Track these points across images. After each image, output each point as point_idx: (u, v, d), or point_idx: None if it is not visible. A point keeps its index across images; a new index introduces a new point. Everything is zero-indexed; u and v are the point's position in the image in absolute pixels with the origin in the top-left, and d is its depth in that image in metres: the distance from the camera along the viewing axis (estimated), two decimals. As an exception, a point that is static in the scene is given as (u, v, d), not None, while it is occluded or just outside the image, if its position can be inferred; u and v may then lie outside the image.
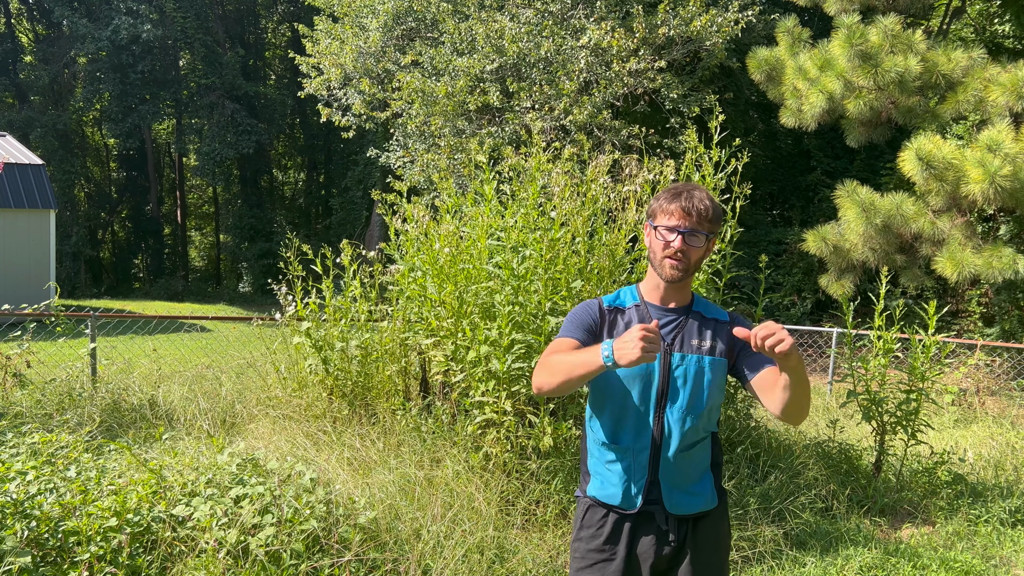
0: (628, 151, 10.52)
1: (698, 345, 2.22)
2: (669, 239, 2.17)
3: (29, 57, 32.05)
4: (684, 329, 2.24)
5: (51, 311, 6.62)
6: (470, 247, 4.89)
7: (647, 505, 2.22)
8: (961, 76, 8.57)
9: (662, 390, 2.20)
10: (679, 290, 2.25)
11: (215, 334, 12.42)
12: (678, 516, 2.22)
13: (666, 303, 2.26)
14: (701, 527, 2.26)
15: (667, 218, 2.19)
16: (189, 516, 3.42)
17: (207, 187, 35.89)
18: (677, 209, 2.17)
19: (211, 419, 5.75)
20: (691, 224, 2.16)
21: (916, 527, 4.87)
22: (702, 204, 2.17)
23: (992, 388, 9.20)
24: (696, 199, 2.17)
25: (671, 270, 2.18)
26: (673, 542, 2.21)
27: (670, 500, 2.21)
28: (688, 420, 2.20)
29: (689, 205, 2.16)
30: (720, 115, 5.26)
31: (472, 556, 3.64)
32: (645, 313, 2.25)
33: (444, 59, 12.59)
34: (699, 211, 2.16)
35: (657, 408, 2.20)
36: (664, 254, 2.18)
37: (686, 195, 2.18)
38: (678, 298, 2.26)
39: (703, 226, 2.17)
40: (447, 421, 4.74)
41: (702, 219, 2.17)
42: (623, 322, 2.25)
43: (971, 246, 8.24)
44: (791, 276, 15.49)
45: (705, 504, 2.26)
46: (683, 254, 2.17)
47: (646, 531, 2.22)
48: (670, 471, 2.21)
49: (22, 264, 17.06)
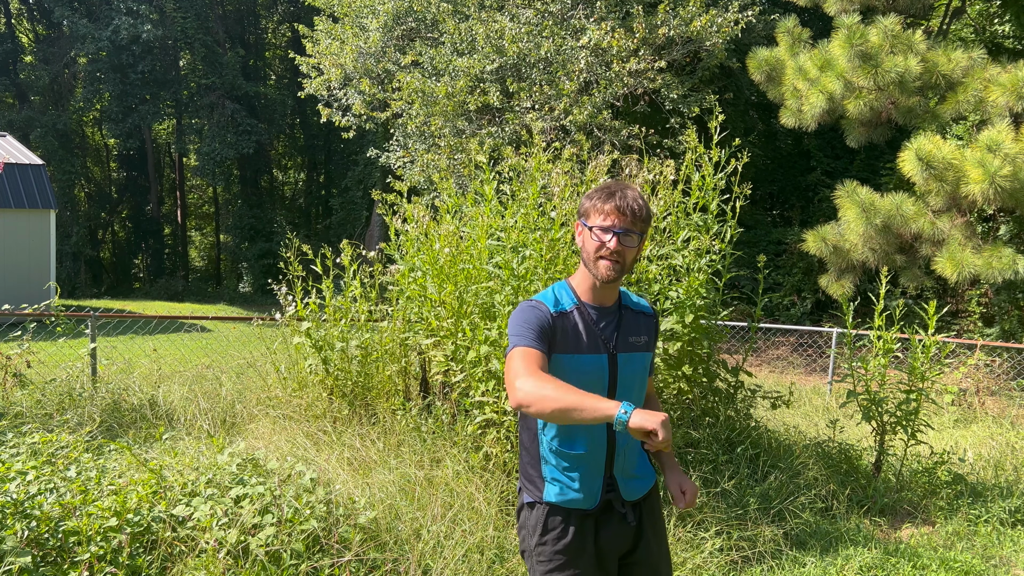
0: (628, 151, 10.52)
1: (635, 342, 2.29)
2: (604, 239, 2.17)
3: (29, 57, 32.06)
4: (621, 328, 2.27)
5: (51, 311, 6.63)
6: (470, 247, 4.89)
7: (605, 495, 2.28)
8: (961, 76, 8.57)
9: (611, 392, 2.23)
10: (612, 289, 2.28)
11: (215, 334, 12.42)
12: (632, 501, 2.32)
13: (601, 302, 2.28)
14: (648, 504, 2.38)
15: (601, 218, 2.18)
16: (189, 516, 3.42)
17: (207, 187, 35.90)
18: (612, 209, 2.16)
19: (211, 419, 5.75)
20: (625, 224, 2.16)
21: (916, 527, 4.88)
22: (636, 204, 2.17)
23: (992, 388, 9.20)
24: (630, 198, 2.17)
25: (606, 271, 2.18)
26: (632, 522, 2.31)
27: (625, 489, 2.30)
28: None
29: (623, 204, 2.16)
30: (720, 115, 5.26)
31: (472, 556, 3.64)
32: (587, 315, 2.25)
33: (444, 59, 12.59)
34: (633, 210, 2.16)
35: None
36: (599, 254, 2.18)
37: (620, 194, 2.18)
38: (611, 295, 2.29)
39: (637, 226, 2.18)
40: (447, 421, 4.75)
41: (636, 219, 2.17)
42: (569, 327, 2.22)
43: (971, 246, 8.24)
44: (791, 276, 15.49)
45: (648, 482, 2.38)
46: (618, 254, 2.17)
47: (607, 521, 2.29)
48: (622, 464, 2.29)
49: (22, 264, 17.06)
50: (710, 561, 3.98)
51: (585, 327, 2.23)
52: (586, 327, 2.23)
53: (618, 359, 2.24)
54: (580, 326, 2.23)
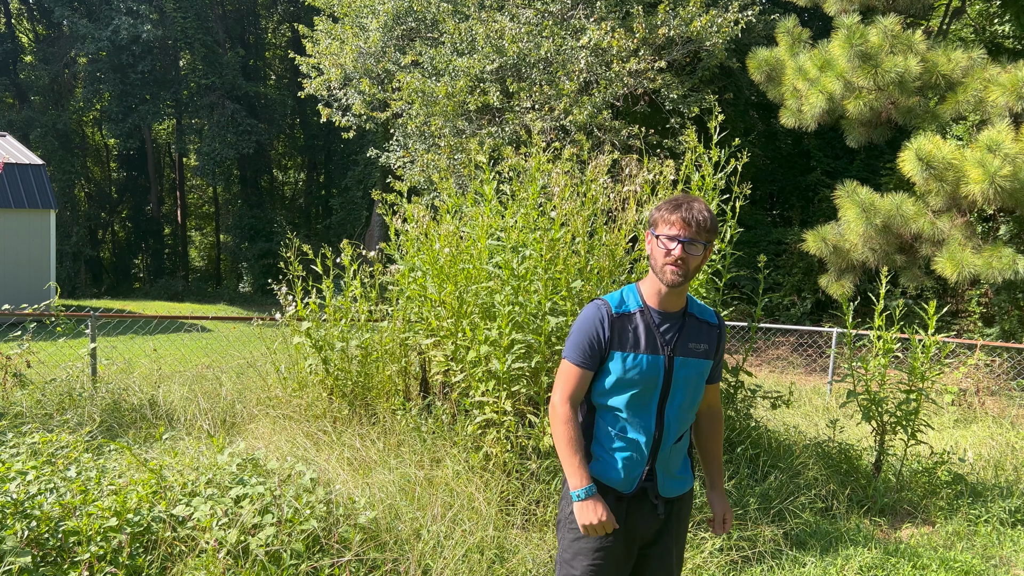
0: (628, 151, 10.53)
1: (695, 349, 2.45)
2: (670, 247, 2.34)
3: (29, 57, 32.05)
4: (682, 333, 2.45)
5: (51, 311, 6.63)
6: (470, 247, 4.89)
7: (642, 486, 2.46)
8: (961, 76, 8.57)
9: (665, 391, 2.42)
10: (678, 294, 2.44)
11: (215, 334, 12.42)
12: (667, 498, 2.49)
13: (666, 307, 2.45)
14: (680, 504, 2.55)
15: (668, 227, 2.36)
16: (189, 516, 3.42)
17: (207, 187, 35.90)
18: (678, 220, 2.34)
19: (211, 419, 5.75)
20: (690, 234, 2.34)
21: (916, 527, 4.88)
22: (701, 216, 2.35)
23: (992, 388, 9.20)
24: (696, 211, 2.35)
25: (672, 276, 2.35)
26: (661, 516, 2.48)
27: (663, 485, 2.48)
28: (683, 416, 2.47)
29: (689, 216, 2.34)
30: (720, 115, 5.26)
31: (472, 556, 3.64)
32: (650, 319, 2.43)
33: (444, 59, 12.59)
34: (698, 222, 2.34)
35: (659, 406, 2.43)
36: (665, 261, 2.36)
37: (686, 206, 2.36)
38: (676, 302, 2.46)
39: (701, 236, 2.35)
40: (447, 421, 4.75)
41: (701, 229, 2.34)
42: (631, 327, 2.42)
43: (971, 246, 8.24)
44: (791, 276, 15.49)
45: (688, 485, 2.57)
46: (683, 261, 2.34)
47: (639, 507, 2.47)
48: (665, 461, 2.47)
49: (22, 264, 17.05)
50: (710, 561, 3.99)
51: (646, 329, 2.42)
52: (647, 329, 2.42)
53: (675, 362, 2.42)
54: (641, 327, 2.42)
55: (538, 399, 4.47)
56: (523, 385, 4.41)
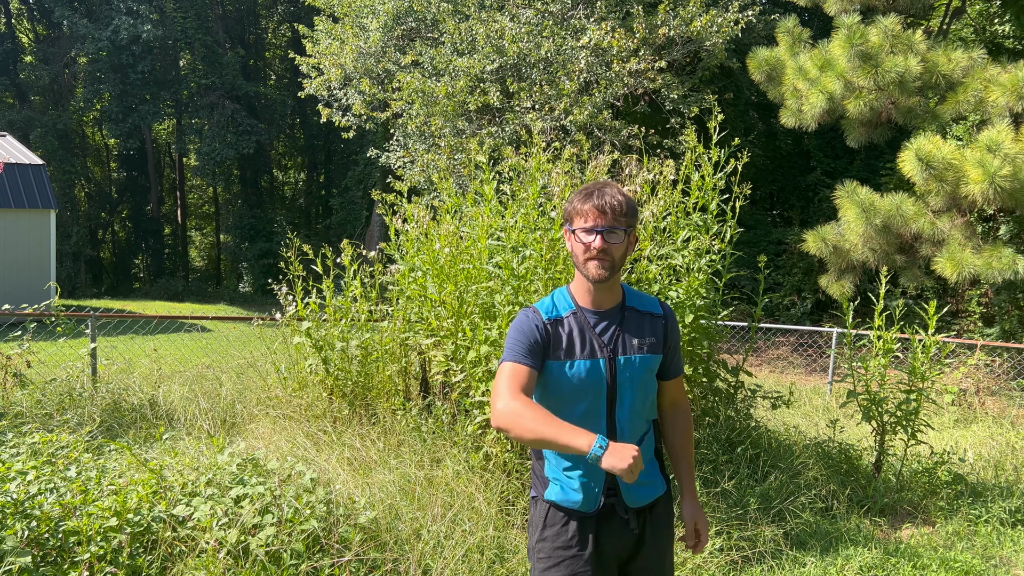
0: (628, 151, 10.52)
1: (638, 345, 2.25)
2: (588, 240, 2.16)
3: (29, 57, 32.05)
4: (622, 330, 2.25)
5: (51, 311, 6.63)
6: (470, 247, 4.89)
7: (607, 500, 2.25)
8: (961, 76, 8.57)
9: (611, 396, 2.22)
10: (609, 289, 2.25)
11: (215, 334, 12.42)
12: (636, 508, 2.28)
13: (599, 305, 2.26)
14: (655, 513, 2.33)
15: (583, 220, 2.18)
16: (189, 516, 3.42)
17: (207, 187, 35.90)
18: (591, 209, 2.17)
19: (211, 419, 5.75)
20: (607, 222, 2.15)
21: (916, 527, 4.88)
22: (615, 200, 2.16)
23: (992, 388, 9.20)
24: (608, 196, 2.17)
25: (596, 270, 2.18)
26: (635, 530, 2.27)
27: (628, 496, 2.25)
28: (635, 418, 2.26)
29: (602, 203, 2.16)
30: (720, 115, 5.26)
31: (472, 556, 3.64)
32: (583, 320, 2.24)
33: (444, 59, 12.59)
34: (613, 207, 2.16)
35: (608, 412, 2.22)
36: (586, 256, 2.18)
37: (597, 193, 2.18)
38: (609, 297, 2.26)
39: (619, 221, 2.16)
40: (447, 421, 4.75)
41: (617, 215, 2.16)
42: (564, 333, 2.23)
43: (971, 246, 8.24)
44: (791, 276, 15.50)
45: (656, 491, 2.32)
46: (605, 252, 2.16)
47: (608, 525, 2.26)
48: None
49: (22, 264, 17.06)
50: (710, 561, 3.99)
51: (580, 332, 2.22)
52: (581, 332, 2.22)
53: (617, 362, 2.22)
54: (575, 331, 2.22)
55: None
56: (523, 385, 4.40)
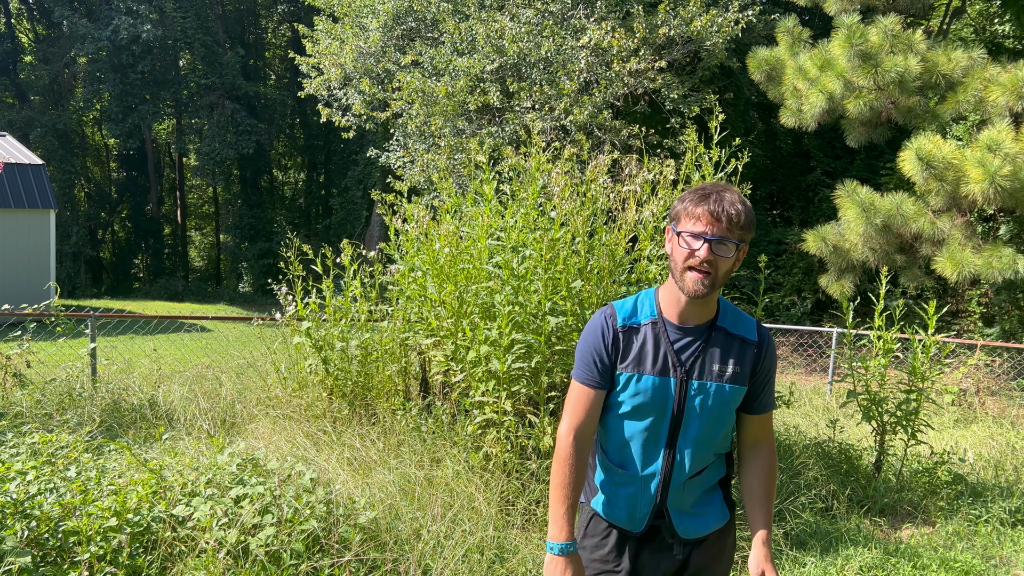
0: (628, 151, 10.52)
1: (719, 371, 2.01)
2: (694, 247, 1.91)
3: (29, 57, 32.05)
4: (705, 351, 2.01)
5: (51, 311, 6.63)
6: (470, 247, 4.89)
7: (653, 522, 2.11)
8: (961, 76, 8.57)
9: (676, 420, 2.02)
10: (702, 305, 2.00)
11: (215, 334, 12.42)
12: (685, 539, 2.12)
13: (685, 320, 2.02)
14: (709, 545, 2.15)
15: (692, 223, 1.92)
16: (189, 516, 3.42)
17: (207, 187, 35.90)
18: (705, 213, 1.91)
19: (211, 419, 5.75)
20: (719, 231, 1.90)
21: (916, 527, 4.88)
22: (733, 208, 1.91)
23: (992, 388, 9.20)
24: (727, 202, 1.91)
25: (694, 284, 1.93)
26: (678, 556, 2.12)
27: (679, 524, 2.10)
28: (701, 449, 2.06)
29: (718, 209, 1.90)
30: (720, 115, 5.26)
31: (472, 556, 3.64)
32: (661, 331, 2.02)
33: (444, 59, 12.59)
34: (729, 216, 1.90)
35: (669, 438, 2.04)
36: (687, 264, 1.93)
37: (715, 197, 1.92)
38: (701, 313, 2.02)
39: (733, 233, 1.91)
40: (447, 421, 4.75)
41: (732, 225, 1.91)
42: (637, 343, 2.02)
43: (971, 246, 8.24)
44: (791, 276, 15.50)
45: (716, 523, 2.13)
46: (709, 264, 1.91)
47: (651, 545, 2.12)
48: (678, 499, 2.09)
49: (22, 264, 17.06)
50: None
51: (655, 344, 2.01)
52: (656, 345, 2.01)
53: (690, 386, 1.99)
54: (650, 343, 2.01)
55: (538, 399, 4.47)
56: (523, 385, 4.40)
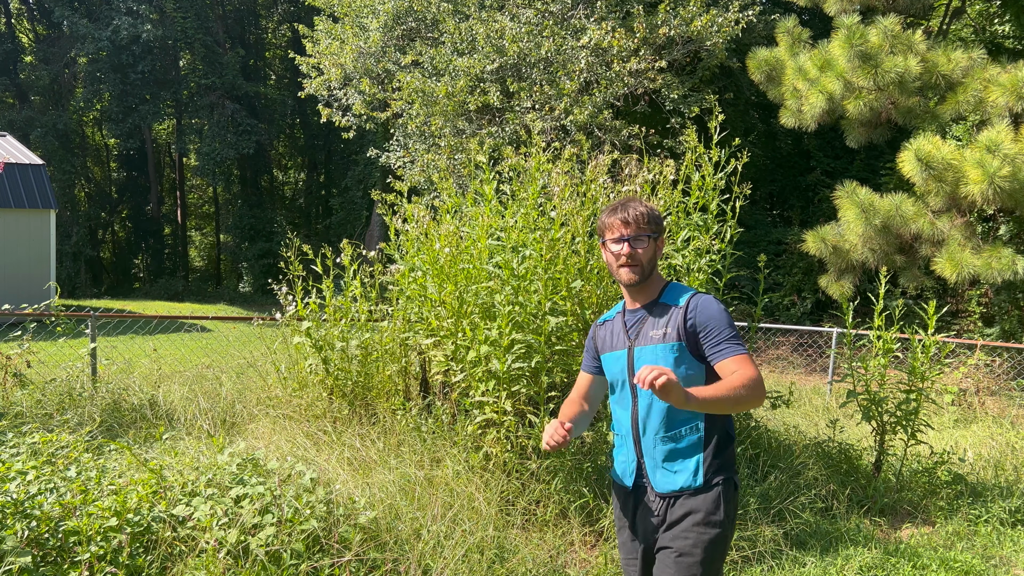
0: (628, 151, 10.52)
1: (652, 335, 2.45)
2: (616, 249, 2.45)
3: (29, 57, 32.05)
4: (644, 323, 2.49)
5: (51, 311, 6.63)
6: (470, 247, 4.89)
7: (638, 480, 2.50)
8: (961, 76, 8.57)
9: (632, 382, 2.47)
10: (642, 291, 2.51)
11: (215, 334, 12.42)
12: (660, 493, 2.44)
13: (634, 304, 2.55)
14: (680, 501, 2.41)
15: (611, 232, 2.47)
16: (189, 516, 3.42)
17: (207, 187, 35.90)
18: (616, 222, 2.46)
19: (211, 419, 5.75)
20: (632, 231, 2.44)
21: (916, 527, 4.88)
22: (636, 211, 2.44)
23: (992, 388, 9.20)
24: (631, 209, 2.45)
25: (628, 275, 2.45)
26: (657, 515, 2.44)
27: (654, 478, 2.45)
28: (655, 405, 2.42)
29: (626, 215, 2.44)
30: (720, 115, 5.26)
31: (472, 556, 3.65)
32: (620, 318, 2.57)
33: (444, 59, 12.59)
34: (636, 218, 2.44)
35: (632, 399, 2.48)
36: (618, 264, 2.46)
37: (621, 208, 2.47)
38: (643, 296, 2.52)
39: (643, 229, 2.44)
40: (447, 421, 4.75)
41: (640, 224, 2.44)
42: (608, 332, 2.59)
43: (971, 246, 8.24)
44: (791, 276, 15.49)
45: (686, 482, 2.39)
46: (632, 258, 2.43)
47: (641, 504, 2.50)
48: (651, 453, 2.45)
49: (22, 264, 17.06)
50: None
51: (619, 329, 2.55)
52: (619, 328, 2.54)
53: (634, 352, 2.46)
54: (615, 329, 2.56)
55: (538, 399, 4.47)
56: (523, 385, 4.41)
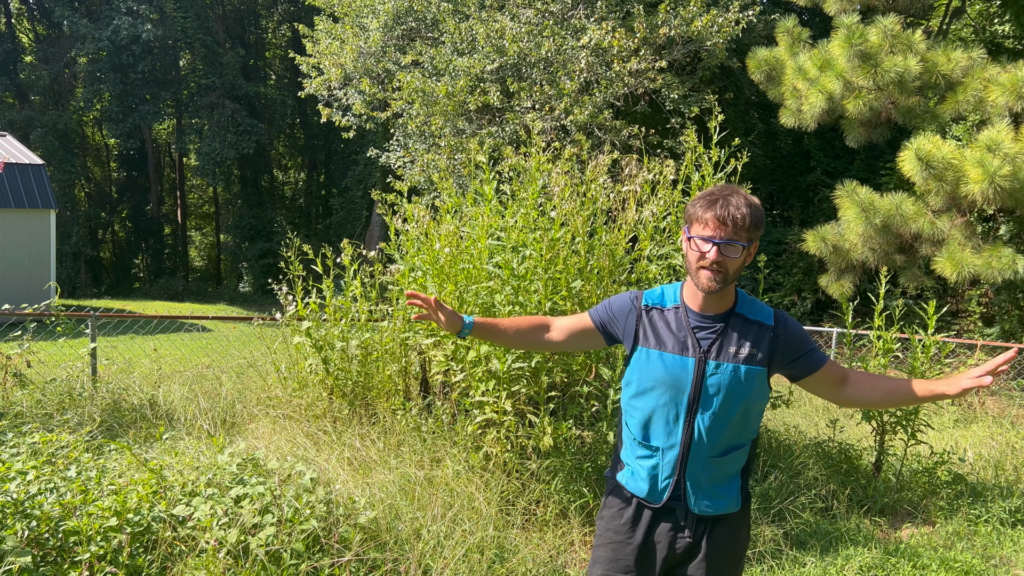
0: (628, 151, 10.52)
1: (735, 353, 2.17)
2: (704, 250, 2.09)
3: (29, 57, 32.05)
4: (723, 336, 2.19)
5: (51, 311, 6.62)
6: (470, 247, 4.89)
7: (671, 501, 2.24)
8: (961, 76, 8.57)
9: (693, 398, 2.17)
10: (719, 298, 2.20)
11: (215, 334, 12.42)
12: (699, 515, 2.23)
13: (705, 310, 2.22)
14: (719, 528, 2.26)
15: (701, 227, 2.10)
16: (189, 516, 3.42)
17: (207, 187, 35.90)
18: (712, 218, 2.08)
19: (211, 419, 5.75)
20: (727, 234, 2.07)
21: (916, 527, 4.88)
22: (739, 212, 2.07)
23: (992, 388, 9.20)
24: (732, 206, 2.07)
25: (707, 281, 2.11)
26: (689, 537, 2.23)
27: (695, 501, 2.22)
28: (719, 427, 2.19)
29: (724, 214, 2.06)
30: (720, 115, 5.26)
31: (472, 556, 3.65)
32: (683, 316, 2.22)
33: (444, 59, 12.59)
34: (735, 220, 2.06)
35: (688, 414, 2.18)
36: (699, 265, 2.11)
37: (722, 202, 2.08)
38: (718, 304, 2.21)
39: (740, 235, 2.07)
40: (447, 421, 4.75)
41: (738, 228, 2.07)
42: (661, 323, 2.24)
43: (971, 246, 8.24)
44: (791, 276, 15.50)
45: (728, 507, 2.25)
46: (719, 265, 2.09)
47: (665, 522, 2.25)
48: (698, 475, 2.21)
49: (22, 264, 17.06)
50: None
51: (677, 327, 2.22)
52: (678, 327, 2.21)
53: (707, 366, 2.17)
54: (672, 325, 2.22)
55: (538, 399, 4.47)
56: (523, 385, 4.41)
